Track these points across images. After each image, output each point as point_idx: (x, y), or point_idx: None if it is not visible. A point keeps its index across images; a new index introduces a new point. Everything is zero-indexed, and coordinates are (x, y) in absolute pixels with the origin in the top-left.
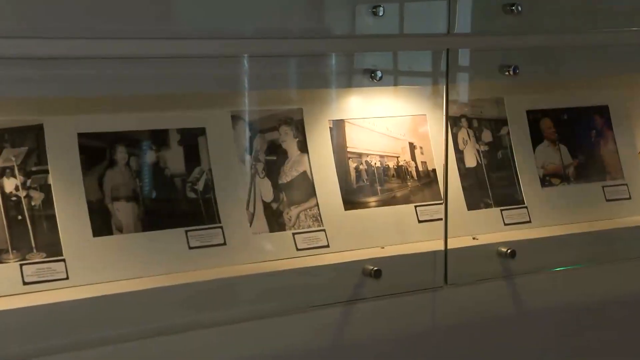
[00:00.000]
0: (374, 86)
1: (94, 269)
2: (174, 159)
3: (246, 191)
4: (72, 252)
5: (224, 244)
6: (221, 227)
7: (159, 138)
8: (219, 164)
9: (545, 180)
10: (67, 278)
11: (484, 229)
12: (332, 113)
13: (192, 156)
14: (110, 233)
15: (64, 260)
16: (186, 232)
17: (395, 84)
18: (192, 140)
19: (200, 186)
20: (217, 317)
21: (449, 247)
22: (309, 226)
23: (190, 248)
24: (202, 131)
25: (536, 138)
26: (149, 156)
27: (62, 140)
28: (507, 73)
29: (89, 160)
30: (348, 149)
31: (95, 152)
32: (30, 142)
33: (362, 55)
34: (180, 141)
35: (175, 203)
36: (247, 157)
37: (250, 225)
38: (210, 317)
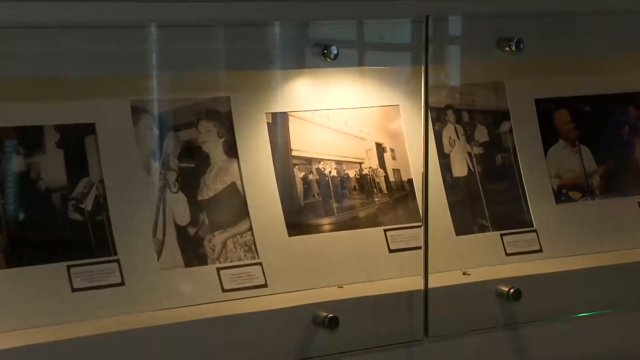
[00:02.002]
0: (329, 67)
1: None
2: (51, 167)
3: (153, 211)
4: None
5: (122, 283)
6: (117, 261)
7: (30, 138)
8: (115, 174)
9: (561, 194)
10: None
11: (478, 260)
12: (271, 103)
13: (77, 163)
14: None
15: None
16: (68, 268)
17: (360, 63)
18: (76, 141)
19: (88, 204)
20: None
21: (430, 285)
22: (240, 258)
23: (75, 290)
24: (90, 128)
25: (549, 137)
26: (15, 163)
27: None
28: (508, 49)
29: None
30: (293, 153)
31: None
32: None
33: (313, 25)
34: (59, 142)
35: (53, 228)
36: (154, 164)
37: (159, 258)
38: None
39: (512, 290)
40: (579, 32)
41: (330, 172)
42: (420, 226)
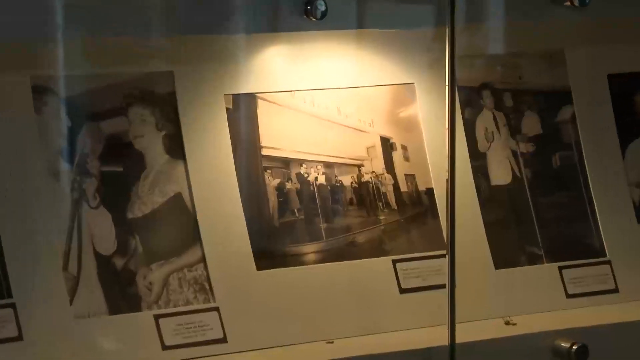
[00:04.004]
0: (315, 30)
1: None
2: None
3: (63, 235)
4: None
5: (19, 338)
6: (13, 306)
7: None
8: (8, 182)
9: None
10: None
11: (527, 304)
12: (232, 82)
13: None
14: None
15: None
16: None
17: (358, 25)
18: None
19: None
20: None
21: (458, 340)
22: (188, 301)
23: None
24: None
25: (628, 128)
26: None
27: None
28: (569, 2)
29: None
30: (264, 151)
31: None
32: None
33: None
34: None
35: None
36: (65, 168)
37: (72, 302)
38: None
39: (575, 347)
40: None
41: (316, 178)
42: (444, 256)
